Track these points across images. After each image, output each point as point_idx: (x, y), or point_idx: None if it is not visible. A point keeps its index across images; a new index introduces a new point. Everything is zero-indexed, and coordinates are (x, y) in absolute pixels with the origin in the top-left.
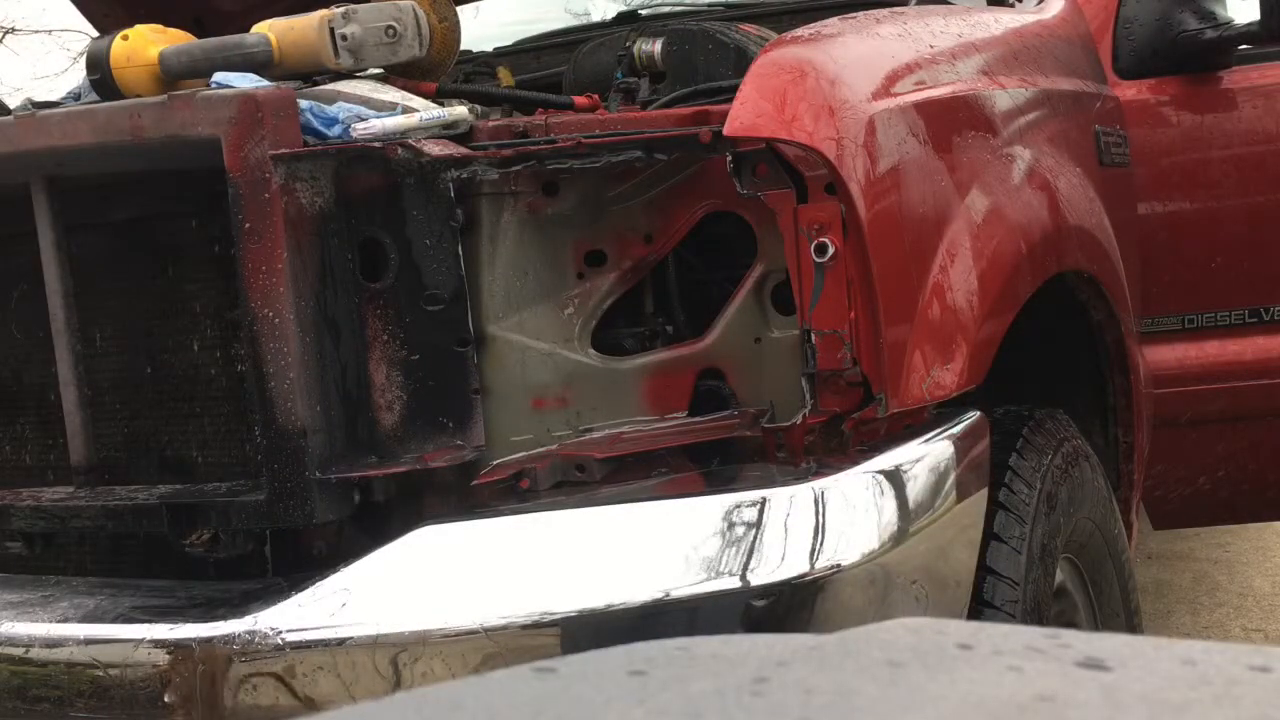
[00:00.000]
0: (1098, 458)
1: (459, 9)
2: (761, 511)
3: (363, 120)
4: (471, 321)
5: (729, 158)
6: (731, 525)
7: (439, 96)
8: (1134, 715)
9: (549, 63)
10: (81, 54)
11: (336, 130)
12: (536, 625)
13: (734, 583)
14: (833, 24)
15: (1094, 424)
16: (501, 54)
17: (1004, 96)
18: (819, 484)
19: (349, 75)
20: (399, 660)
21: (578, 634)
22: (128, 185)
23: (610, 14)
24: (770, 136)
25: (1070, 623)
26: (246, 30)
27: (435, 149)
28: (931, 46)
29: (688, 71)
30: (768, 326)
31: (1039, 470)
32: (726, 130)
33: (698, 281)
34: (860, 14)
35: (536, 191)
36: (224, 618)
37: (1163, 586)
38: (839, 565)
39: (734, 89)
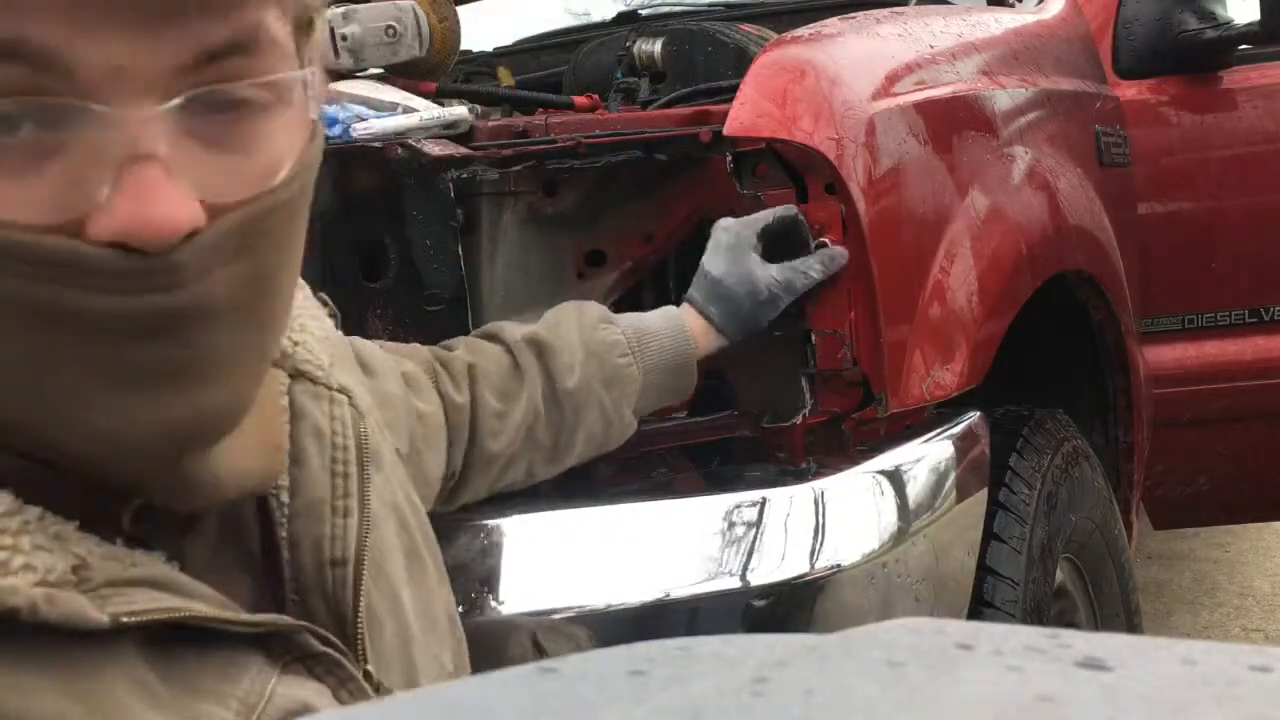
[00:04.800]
0: (1098, 458)
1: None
2: (761, 511)
3: (362, 120)
4: (471, 321)
5: (729, 158)
6: (731, 525)
7: (439, 96)
8: (1134, 715)
9: (549, 63)
10: None
11: (336, 130)
12: None
13: (734, 583)
14: (833, 24)
15: (1094, 424)
16: (501, 54)
17: (1004, 96)
18: (819, 484)
19: (349, 75)
20: None
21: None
22: None
23: (610, 14)
24: (770, 137)
25: (1070, 623)
26: None
27: (435, 149)
28: (931, 46)
29: (688, 71)
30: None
31: (1039, 470)
32: (726, 130)
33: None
34: (860, 14)
35: (536, 191)
36: None
37: (1163, 586)
38: (839, 565)
39: (734, 89)
